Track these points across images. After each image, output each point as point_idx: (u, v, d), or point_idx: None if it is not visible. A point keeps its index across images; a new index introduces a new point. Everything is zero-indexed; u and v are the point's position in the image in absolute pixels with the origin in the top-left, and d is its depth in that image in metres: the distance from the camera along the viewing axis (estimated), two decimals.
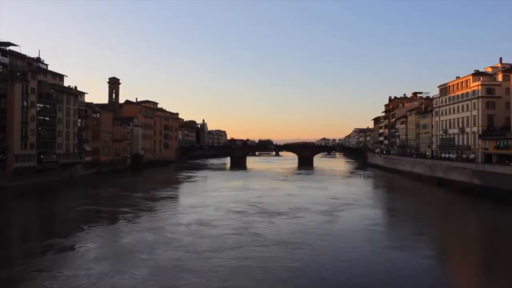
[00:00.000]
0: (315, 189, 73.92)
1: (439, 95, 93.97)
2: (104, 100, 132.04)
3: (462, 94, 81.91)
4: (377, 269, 27.11)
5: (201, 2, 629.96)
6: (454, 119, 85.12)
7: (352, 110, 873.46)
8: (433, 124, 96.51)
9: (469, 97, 78.35)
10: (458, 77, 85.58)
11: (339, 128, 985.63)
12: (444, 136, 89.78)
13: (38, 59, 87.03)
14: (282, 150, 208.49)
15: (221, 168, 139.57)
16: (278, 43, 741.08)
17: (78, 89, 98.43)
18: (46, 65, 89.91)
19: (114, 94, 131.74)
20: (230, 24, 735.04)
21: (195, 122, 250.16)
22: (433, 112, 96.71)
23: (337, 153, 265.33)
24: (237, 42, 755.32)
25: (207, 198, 60.31)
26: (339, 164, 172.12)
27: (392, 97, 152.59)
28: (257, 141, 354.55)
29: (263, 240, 34.48)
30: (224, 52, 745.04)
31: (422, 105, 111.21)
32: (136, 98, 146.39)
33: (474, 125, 76.32)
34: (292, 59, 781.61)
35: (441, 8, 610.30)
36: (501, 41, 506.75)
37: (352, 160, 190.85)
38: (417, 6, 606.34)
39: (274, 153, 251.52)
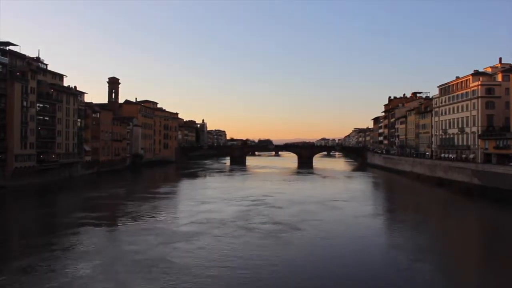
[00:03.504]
0: (316, 189, 73.98)
1: (438, 95, 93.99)
2: (104, 100, 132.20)
3: (461, 94, 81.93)
4: (376, 269, 27.19)
5: (201, 3, 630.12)
6: (453, 119, 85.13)
7: (352, 110, 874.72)
8: (433, 124, 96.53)
9: (469, 97, 78.38)
10: (457, 77, 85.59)
11: (339, 128, 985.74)
12: (443, 136, 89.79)
13: (37, 59, 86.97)
14: (281, 150, 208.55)
15: (221, 168, 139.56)
16: (278, 43, 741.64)
17: (78, 89, 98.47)
18: (46, 65, 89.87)
19: (113, 94, 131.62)
20: (230, 25, 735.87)
21: (194, 122, 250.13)
22: (433, 112, 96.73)
23: (336, 153, 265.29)
24: (238, 43, 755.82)
25: (206, 200, 60.16)
26: (338, 164, 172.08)
27: (392, 97, 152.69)
28: (256, 141, 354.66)
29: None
30: (224, 52, 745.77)
31: (422, 105, 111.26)
32: (136, 98, 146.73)
33: (474, 125, 76.34)
34: (292, 60, 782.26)
35: (441, 8, 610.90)
36: (501, 41, 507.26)
37: (352, 160, 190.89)
38: (417, 6, 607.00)
39: (273, 153, 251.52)
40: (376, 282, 24.69)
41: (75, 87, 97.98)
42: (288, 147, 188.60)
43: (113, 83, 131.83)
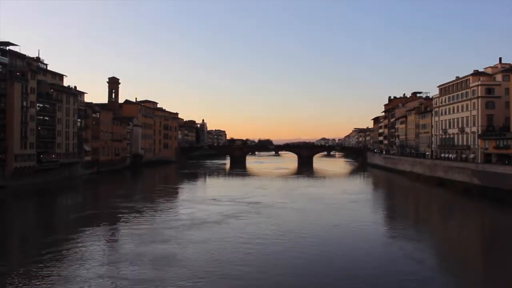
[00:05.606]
0: (316, 190, 73.99)
1: (438, 95, 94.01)
2: (104, 100, 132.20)
3: (461, 94, 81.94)
4: (375, 270, 27.21)
5: (201, 1, 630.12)
6: (453, 119, 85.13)
7: (352, 110, 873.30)
8: (433, 124, 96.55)
9: (469, 97, 78.39)
10: (457, 77, 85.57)
11: (339, 128, 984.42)
12: (443, 136, 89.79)
13: (37, 59, 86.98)
14: (281, 150, 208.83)
15: (221, 168, 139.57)
16: (278, 43, 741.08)
17: (78, 89, 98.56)
18: (46, 64, 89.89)
19: (113, 94, 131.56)
20: (231, 24, 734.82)
21: (194, 122, 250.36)
22: (433, 112, 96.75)
23: (336, 153, 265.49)
24: (238, 42, 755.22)
25: (206, 203, 60.15)
26: (338, 164, 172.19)
27: (392, 97, 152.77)
28: (256, 141, 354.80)
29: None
30: (224, 52, 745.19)
31: (422, 105, 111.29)
32: (136, 98, 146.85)
33: (474, 125, 76.34)
34: (292, 59, 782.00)
35: (441, 8, 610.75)
36: (501, 41, 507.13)
37: (352, 160, 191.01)
38: (417, 6, 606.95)
39: (273, 153, 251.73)
40: (376, 282, 24.69)
41: (75, 87, 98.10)
42: (288, 147, 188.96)
43: (113, 83, 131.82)
